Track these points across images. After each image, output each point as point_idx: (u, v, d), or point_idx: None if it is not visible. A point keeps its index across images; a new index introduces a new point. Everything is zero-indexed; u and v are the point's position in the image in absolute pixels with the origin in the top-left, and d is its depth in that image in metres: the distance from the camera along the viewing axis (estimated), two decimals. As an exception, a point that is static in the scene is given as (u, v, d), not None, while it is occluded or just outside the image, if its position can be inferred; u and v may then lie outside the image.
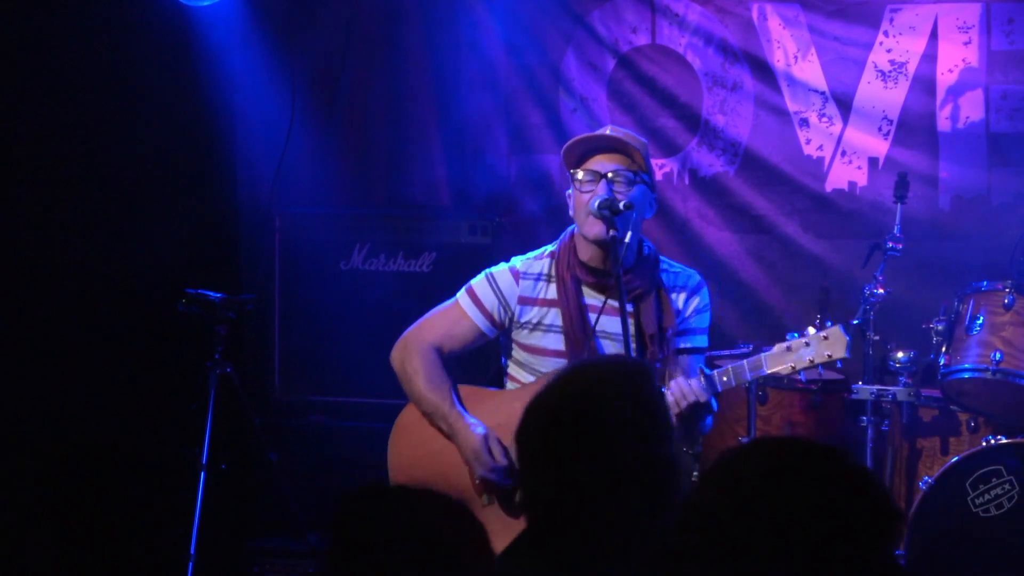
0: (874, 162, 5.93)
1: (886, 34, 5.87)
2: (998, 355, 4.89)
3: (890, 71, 5.88)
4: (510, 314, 4.17)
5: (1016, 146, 5.81)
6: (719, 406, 4.14)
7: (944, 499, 4.90)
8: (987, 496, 4.88)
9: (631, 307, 4.06)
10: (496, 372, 4.39)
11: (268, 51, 6.05)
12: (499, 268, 4.21)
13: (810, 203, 5.99)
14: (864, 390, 5.06)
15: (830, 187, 5.97)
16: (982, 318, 4.99)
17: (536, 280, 4.17)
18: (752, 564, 1.97)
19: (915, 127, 5.87)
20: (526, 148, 6.20)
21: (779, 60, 5.97)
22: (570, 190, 4.15)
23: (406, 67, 6.20)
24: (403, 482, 4.19)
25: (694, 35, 6.04)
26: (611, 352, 4.09)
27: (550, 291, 4.15)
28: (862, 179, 5.95)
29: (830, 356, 3.97)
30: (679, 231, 6.06)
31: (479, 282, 4.21)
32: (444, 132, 6.20)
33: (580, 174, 4.08)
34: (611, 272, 4.01)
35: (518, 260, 4.22)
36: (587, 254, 4.12)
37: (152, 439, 5.39)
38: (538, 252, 4.23)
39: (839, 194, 5.97)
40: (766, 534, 1.98)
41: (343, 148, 6.21)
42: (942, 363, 5.02)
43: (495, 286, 4.18)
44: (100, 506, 2.15)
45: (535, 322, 4.16)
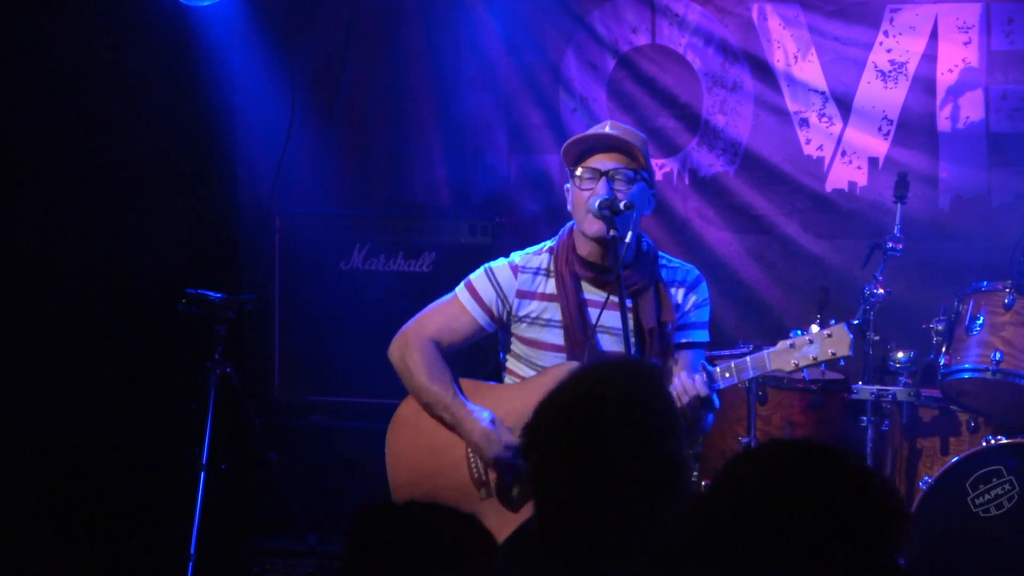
0: (874, 162, 5.93)
1: (886, 34, 5.87)
2: (998, 355, 4.89)
3: (890, 71, 5.88)
4: (508, 308, 4.18)
5: (1016, 146, 5.80)
6: (719, 405, 4.14)
7: (944, 499, 4.89)
8: (987, 496, 4.88)
9: (630, 302, 4.07)
10: (495, 367, 4.40)
11: (268, 51, 6.05)
12: (498, 263, 4.23)
13: (810, 203, 5.98)
14: (864, 390, 5.06)
15: (830, 187, 5.97)
16: (982, 318, 4.98)
17: (535, 274, 4.18)
18: (757, 565, 1.98)
19: (915, 127, 5.87)
20: (526, 148, 6.20)
21: (779, 60, 5.96)
22: (568, 184, 4.16)
23: (406, 67, 6.20)
24: (401, 475, 4.20)
25: (694, 35, 6.03)
26: (610, 347, 4.11)
27: (549, 286, 4.16)
28: (862, 179, 5.95)
29: (834, 354, 3.97)
30: (679, 231, 6.06)
31: (478, 276, 4.22)
32: (444, 132, 6.20)
33: (580, 171, 4.08)
34: (611, 268, 4.02)
35: (517, 255, 4.24)
36: (586, 250, 4.12)
37: (152, 439, 5.39)
38: (537, 247, 4.25)
39: (839, 194, 5.96)
40: (771, 536, 1.99)
41: (343, 148, 6.21)
42: (942, 363, 5.01)
43: (494, 280, 4.18)
44: (100, 506, 2.15)
45: (534, 316, 4.16)
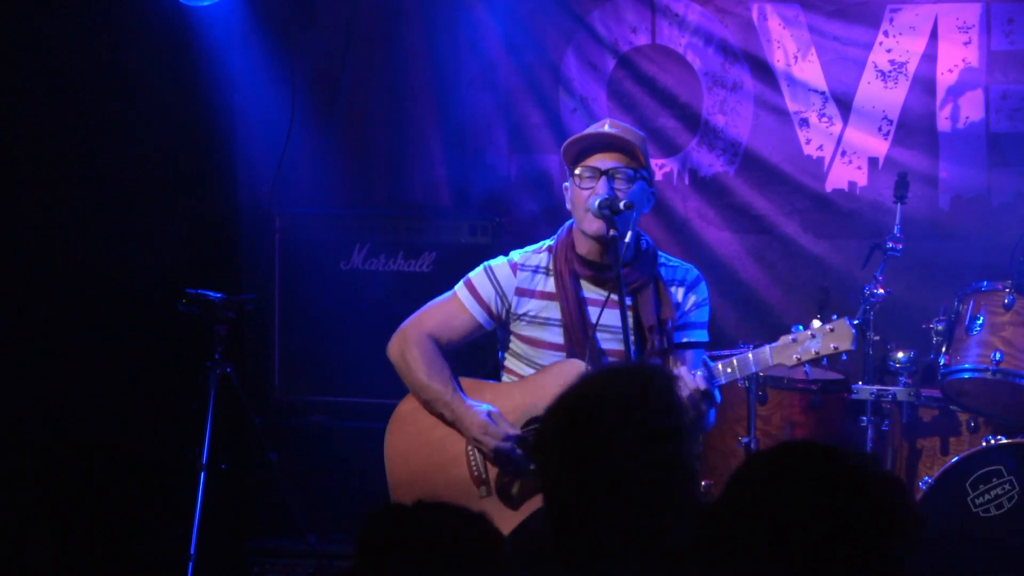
0: (874, 162, 5.93)
1: (886, 34, 5.87)
2: (998, 355, 4.89)
3: (890, 71, 5.88)
4: (507, 306, 4.18)
5: (1016, 146, 5.80)
6: (717, 409, 4.14)
7: (944, 499, 4.89)
8: (987, 496, 4.88)
9: (629, 300, 4.07)
10: (493, 366, 4.40)
11: (268, 51, 6.05)
12: (497, 261, 4.23)
13: (810, 203, 5.98)
14: (864, 390, 5.06)
15: (830, 187, 5.97)
16: (982, 318, 4.98)
17: (534, 272, 4.18)
18: (769, 568, 1.98)
19: (915, 127, 5.87)
20: (526, 148, 6.20)
21: (779, 60, 5.96)
22: (567, 183, 4.16)
23: (406, 67, 6.20)
24: (400, 474, 4.20)
25: (694, 35, 6.03)
26: (610, 345, 4.12)
27: (548, 284, 4.16)
28: (862, 179, 5.95)
29: (836, 348, 3.97)
30: (679, 231, 6.06)
31: (477, 274, 4.23)
32: (444, 132, 6.20)
33: (580, 170, 4.09)
34: (610, 266, 4.02)
35: (516, 253, 4.24)
36: (585, 248, 4.12)
37: (152, 439, 5.39)
38: (536, 246, 4.25)
39: (839, 194, 5.96)
40: (782, 539, 2.00)
41: (343, 148, 6.21)
42: (942, 363, 5.01)
43: (493, 278, 4.19)
44: (100, 506, 2.15)
45: (533, 315, 4.17)
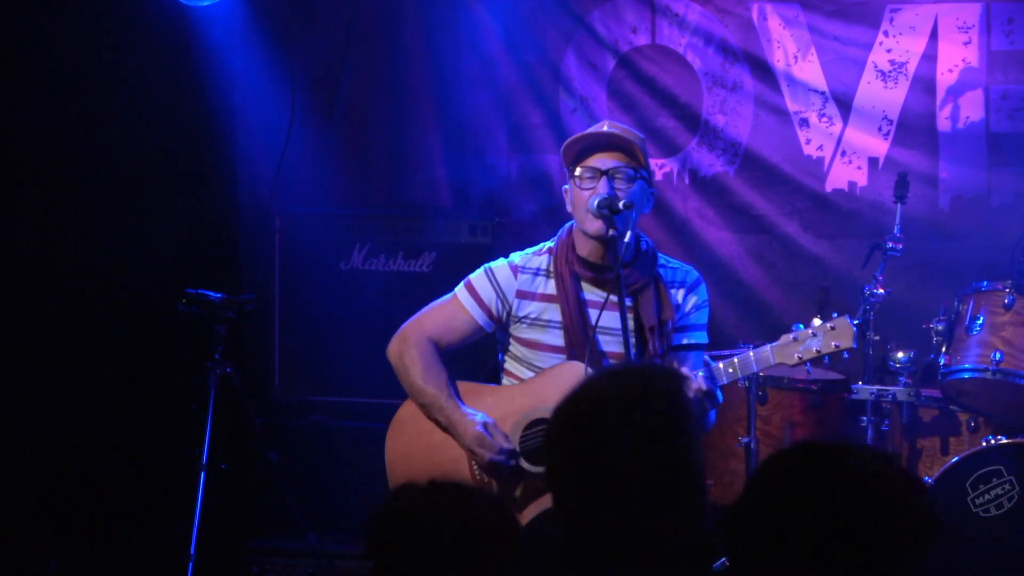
0: (874, 162, 5.93)
1: (886, 34, 5.87)
2: (998, 355, 4.89)
3: (890, 71, 5.88)
4: (508, 308, 4.18)
5: (1016, 146, 5.81)
6: (718, 410, 4.14)
7: (944, 499, 4.89)
8: (987, 496, 4.88)
9: (630, 301, 4.07)
10: (493, 369, 4.40)
11: (268, 51, 6.04)
12: (497, 263, 4.23)
13: (810, 203, 5.98)
14: (864, 390, 5.06)
15: (830, 187, 5.97)
16: (982, 318, 4.98)
17: (535, 275, 4.18)
18: (785, 569, 1.99)
19: (915, 127, 5.87)
20: (526, 148, 6.20)
21: (779, 60, 5.96)
22: (567, 185, 4.16)
23: (406, 67, 6.20)
24: (401, 477, 4.20)
25: (694, 35, 6.03)
26: (610, 347, 4.11)
27: (549, 286, 4.16)
28: (862, 179, 5.95)
29: (838, 346, 3.96)
30: (679, 231, 6.06)
31: (477, 276, 4.22)
32: (444, 132, 6.20)
33: (580, 171, 4.08)
34: (610, 268, 4.02)
35: (516, 255, 4.24)
36: (586, 249, 4.12)
37: (152, 439, 5.39)
38: (537, 248, 4.25)
39: (839, 194, 5.96)
40: (797, 539, 2.00)
41: (343, 148, 6.21)
42: (942, 363, 5.01)
43: (493, 280, 4.19)
44: (101, 506, 2.16)
45: (533, 317, 4.17)
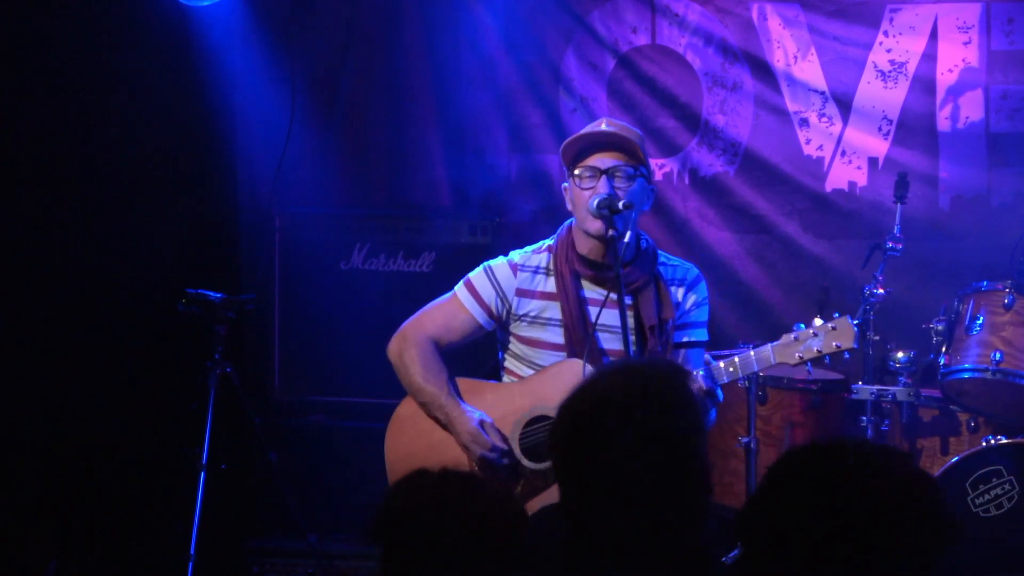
0: (874, 162, 5.93)
1: (886, 34, 5.87)
2: (998, 355, 4.89)
3: (890, 71, 5.88)
4: (508, 306, 4.18)
5: (1016, 146, 5.81)
6: (718, 409, 4.14)
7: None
8: (987, 496, 4.88)
9: (630, 300, 4.07)
10: (493, 367, 4.40)
11: (268, 51, 6.04)
12: (497, 261, 4.23)
13: (810, 203, 5.99)
14: (864, 390, 5.06)
15: (830, 187, 5.97)
16: (982, 318, 4.98)
17: (534, 273, 4.18)
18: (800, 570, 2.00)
19: (915, 127, 5.88)
20: (526, 148, 6.20)
21: (779, 60, 5.97)
22: (566, 183, 4.15)
23: (406, 67, 6.20)
24: (400, 473, 4.19)
25: (694, 35, 6.03)
26: (610, 345, 4.11)
27: (549, 284, 4.16)
28: (862, 179, 5.95)
29: (839, 346, 3.95)
30: (679, 231, 6.06)
31: (477, 275, 4.22)
32: (444, 132, 6.20)
33: (579, 170, 4.08)
34: (610, 266, 4.02)
35: (516, 253, 4.24)
36: (586, 247, 4.12)
37: (152, 439, 5.38)
38: (536, 246, 4.25)
39: (839, 194, 5.97)
40: (815, 538, 2.01)
41: (343, 148, 6.21)
42: (942, 363, 5.01)
43: (493, 279, 4.19)
44: (101, 506, 2.16)
45: (533, 315, 4.17)
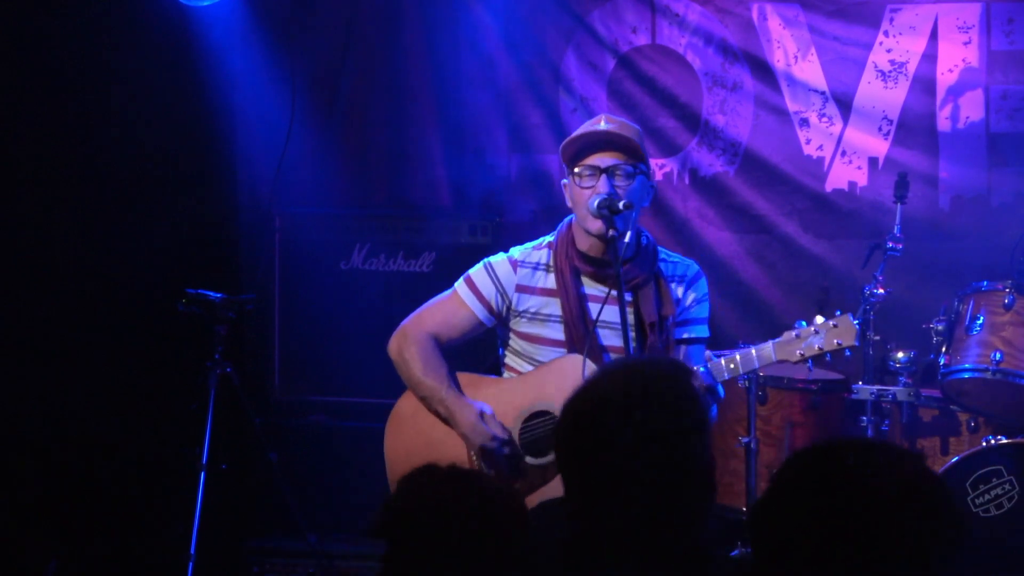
0: (874, 162, 5.93)
1: (886, 34, 5.87)
2: (998, 355, 4.89)
3: (890, 71, 5.88)
4: (508, 302, 4.19)
5: (1016, 146, 5.81)
6: (719, 407, 4.14)
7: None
8: (987, 496, 4.88)
9: (630, 296, 4.07)
10: (493, 363, 4.40)
11: (268, 51, 6.04)
12: (497, 257, 4.24)
13: (810, 203, 5.99)
14: (864, 390, 5.06)
15: (830, 187, 5.97)
16: (982, 318, 4.98)
17: (534, 269, 4.18)
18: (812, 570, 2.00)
19: (915, 127, 5.88)
20: (526, 148, 6.20)
21: (779, 60, 5.97)
22: (566, 179, 4.16)
23: (406, 67, 6.20)
24: (400, 471, 4.19)
25: (694, 35, 6.03)
26: (611, 341, 4.11)
27: (549, 280, 4.16)
28: (862, 179, 5.95)
29: (840, 344, 3.95)
30: (679, 231, 6.06)
31: (477, 271, 4.23)
32: (444, 132, 6.20)
33: (579, 169, 4.08)
34: (610, 263, 4.02)
35: (516, 250, 4.25)
36: (586, 244, 4.12)
37: (152, 439, 5.39)
38: (536, 242, 4.25)
39: (839, 194, 5.97)
40: (826, 538, 2.01)
41: (343, 148, 6.21)
42: (942, 363, 5.01)
43: (493, 275, 4.19)
44: (101, 506, 2.16)
45: (533, 311, 4.17)
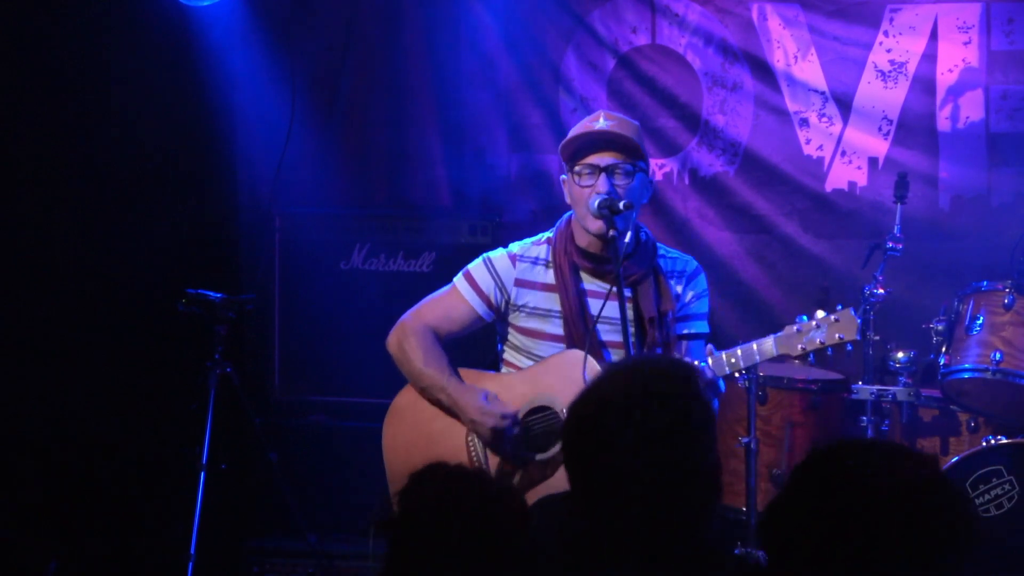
0: (874, 162, 5.93)
1: (886, 34, 5.87)
2: (998, 355, 4.89)
3: (890, 71, 5.88)
4: (506, 297, 4.19)
5: (1016, 146, 5.81)
6: (719, 403, 4.14)
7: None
8: (987, 496, 4.88)
9: (629, 292, 4.08)
10: (492, 360, 4.40)
11: (268, 51, 6.05)
12: (496, 252, 4.25)
13: (810, 203, 5.99)
14: (864, 390, 5.06)
15: (830, 187, 5.97)
16: (982, 318, 4.98)
17: (534, 264, 4.19)
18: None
19: (915, 127, 5.88)
20: (526, 148, 6.20)
21: (779, 60, 5.97)
22: (564, 176, 4.16)
23: (406, 67, 6.20)
24: (399, 466, 4.20)
25: (694, 35, 6.03)
26: (610, 337, 4.12)
27: (548, 276, 4.17)
28: (862, 179, 5.95)
29: (841, 338, 3.95)
30: (679, 231, 6.06)
31: (476, 266, 4.24)
32: (444, 132, 6.20)
33: (578, 168, 4.09)
34: (610, 260, 4.03)
35: (515, 245, 4.26)
36: (585, 240, 4.13)
37: (152, 439, 5.39)
38: (536, 238, 4.27)
39: (839, 194, 5.97)
40: (839, 540, 2.01)
41: (343, 148, 6.21)
42: (942, 363, 5.02)
43: (492, 270, 4.20)
44: (101, 506, 2.16)
45: (532, 306, 4.17)
